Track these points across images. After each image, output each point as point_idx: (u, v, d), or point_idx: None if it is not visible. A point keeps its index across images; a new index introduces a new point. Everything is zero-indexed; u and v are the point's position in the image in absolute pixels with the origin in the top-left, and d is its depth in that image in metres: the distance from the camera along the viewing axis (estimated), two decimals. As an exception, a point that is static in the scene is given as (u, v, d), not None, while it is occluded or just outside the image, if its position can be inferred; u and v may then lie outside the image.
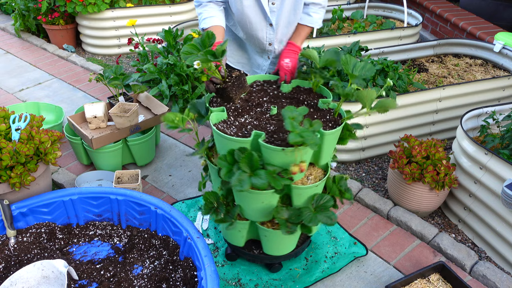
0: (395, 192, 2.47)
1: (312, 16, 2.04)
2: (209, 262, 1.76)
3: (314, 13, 2.03)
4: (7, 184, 2.00)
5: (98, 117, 2.64)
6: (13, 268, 1.90)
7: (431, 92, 2.80)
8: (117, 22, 4.13)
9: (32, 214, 2.06)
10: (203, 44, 1.63)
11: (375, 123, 2.73)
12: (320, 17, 2.07)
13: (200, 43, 1.64)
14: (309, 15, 2.04)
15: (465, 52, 3.52)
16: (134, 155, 2.73)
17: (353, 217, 2.45)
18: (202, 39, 1.63)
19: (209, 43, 1.63)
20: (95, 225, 2.15)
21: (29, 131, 2.06)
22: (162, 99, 3.30)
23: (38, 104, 3.14)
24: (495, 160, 2.17)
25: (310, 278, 2.08)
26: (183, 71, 3.22)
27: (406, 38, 3.91)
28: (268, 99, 1.85)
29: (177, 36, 3.47)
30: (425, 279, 2.05)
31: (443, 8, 4.67)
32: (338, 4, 4.38)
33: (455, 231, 2.42)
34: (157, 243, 2.05)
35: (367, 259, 2.21)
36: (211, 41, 1.63)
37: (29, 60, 4.14)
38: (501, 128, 2.49)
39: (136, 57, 4.19)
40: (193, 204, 2.49)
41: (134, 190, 2.14)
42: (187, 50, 1.62)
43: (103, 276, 1.89)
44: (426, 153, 2.31)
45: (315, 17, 2.04)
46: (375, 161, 2.92)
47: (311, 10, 2.03)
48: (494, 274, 2.07)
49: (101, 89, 3.65)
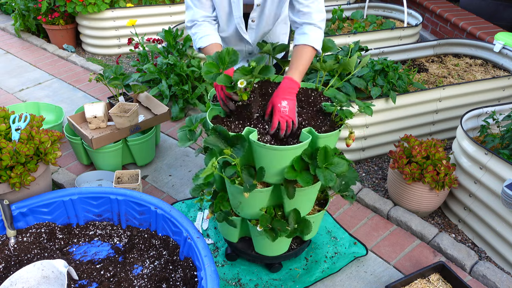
0: (395, 192, 2.47)
1: (308, 34, 1.75)
2: (209, 262, 1.76)
3: (309, 31, 1.76)
4: (7, 184, 2.00)
5: (98, 117, 2.64)
6: (13, 268, 1.90)
7: (431, 92, 2.80)
8: (117, 22, 4.13)
9: (32, 214, 2.06)
10: (222, 61, 1.54)
11: (375, 123, 2.73)
12: (318, 37, 1.76)
13: (217, 59, 1.55)
14: (304, 33, 1.76)
15: (465, 52, 3.52)
16: (134, 155, 2.73)
17: (353, 217, 2.45)
18: (220, 56, 1.54)
19: (229, 60, 1.54)
20: (95, 225, 2.15)
21: (29, 131, 2.06)
22: (162, 99, 3.30)
23: (38, 104, 3.14)
24: (495, 160, 2.17)
25: (310, 278, 2.08)
26: (183, 71, 3.22)
27: (406, 38, 3.91)
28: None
29: (177, 36, 3.47)
30: (425, 279, 2.05)
31: (443, 8, 4.67)
32: (338, 4, 4.38)
33: (455, 231, 2.42)
34: (157, 243, 2.05)
35: (367, 259, 2.21)
36: (231, 57, 1.54)
37: (29, 60, 4.13)
38: (501, 128, 2.49)
39: (136, 57, 4.19)
40: (193, 204, 2.49)
41: (134, 190, 2.14)
42: (207, 69, 1.53)
43: (103, 276, 1.88)
44: (426, 153, 2.31)
45: (312, 35, 1.75)
46: (375, 161, 2.92)
47: (305, 29, 1.77)
48: (494, 274, 2.07)
49: (101, 89, 3.65)
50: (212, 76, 1.53)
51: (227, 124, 1.70)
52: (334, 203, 2.52)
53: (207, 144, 1.55)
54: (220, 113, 1.77)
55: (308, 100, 1.82)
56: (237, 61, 1.55)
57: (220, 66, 1.53)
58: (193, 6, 1.85)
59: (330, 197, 1.96)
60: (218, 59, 1.54)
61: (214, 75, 1.53)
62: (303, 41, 1.75)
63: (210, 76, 1.52)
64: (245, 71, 1.50)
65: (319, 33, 1.77)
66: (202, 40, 1.82)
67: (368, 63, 2.79)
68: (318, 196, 1.97)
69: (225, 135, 1.55)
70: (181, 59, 3.38)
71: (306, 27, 1.77)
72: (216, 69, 1.53)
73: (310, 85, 1.90)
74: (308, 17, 1.77)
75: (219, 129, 1.56)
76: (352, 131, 1.77)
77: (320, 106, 1.78)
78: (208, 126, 1.70)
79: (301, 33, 1.78)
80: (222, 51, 1.54)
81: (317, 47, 1.76)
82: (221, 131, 1.56)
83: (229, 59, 1.54)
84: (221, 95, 1.65)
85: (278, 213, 1.82)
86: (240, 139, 1.54)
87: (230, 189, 1.77)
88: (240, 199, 1.75)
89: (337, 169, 1.56)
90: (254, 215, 1.81)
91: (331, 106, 1.73)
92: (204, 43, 1.81)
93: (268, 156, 1.58)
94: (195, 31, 1.86)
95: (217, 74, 1.53)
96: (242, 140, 1.54)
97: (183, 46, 3.40)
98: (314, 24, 1.77)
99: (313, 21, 1.76)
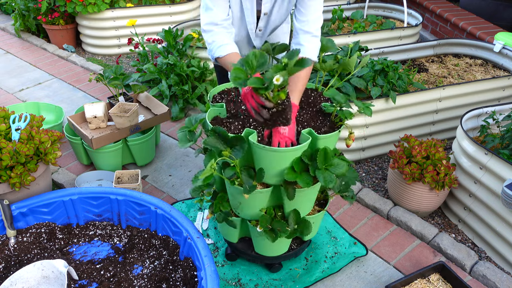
0: (395, 192, 2.47)
1: (304, 45, 1.77)
2: (209, 262, 1.76)
3: (306, 42, 1.78)
4: (7, 184, 2.00)
5: (98, 117, 2.64)
6: (13, 268, 1.90)
7: (431, 92, 2.80)
8: (117, 22, 4.13)
9: (32, 214, 2.06)
10: (249, 65, 1.44)
11: (375, 123, 2.73)
12: (314, 48, 1.78)
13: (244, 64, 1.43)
14: (300, 45, 1.78)
15: (465, 52, 3.52)
16: (134, 155, 2.73)
17: (353, 217, 2.45)
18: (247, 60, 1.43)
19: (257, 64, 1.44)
20: (95, 225, 2.15)
21: (29, 131, 2.06)
22: (162, 99, 3.30)
23: (38, 104, 3.14)
24: (495, 160, 2.17)
25: (310, 278, 2.08)
26: (183, 71, 3.22)
27: (406, 38, 3.91)
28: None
29: (177, 36, 3.47)
30: (425, 279, 2.05)
31: (443, 8, 4.67)
32: (338, 4, 4.38)
33: (455, 231, 2.42)
34: (157, 243, 2.05)
35: (367, 259, 2.21)
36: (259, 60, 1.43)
37: (29, 60, 4.14)
38: (501, 128, 2.49)
39: (136, 57, 4.19)
40: (193, 204, 2.49)
41: (134, 190, 2.14)
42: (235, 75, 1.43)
43: (103, 276, 1.89)
44: (426, 153, 2.31)
45: (308, 47, 1.77)
46: (375, 161, 2.92)
47: (302, 40, 1.79)
48: (494, 274, 2.07)
49: (101, 89, 3.65)
50: (241, 81, 1.42)
51: (227, 125, 1.70)
52: (334, 203, 2.52)
53: (207, 145, 1.55)
54: (219, 114, 1.77)
55: (308, 100, 1.82)
56: (265, 64, 1.44)
57: (248, 71, 1.43)
58: (212, 6, 1.78)
59: (330, 197, 1.96)
60: (245, 63, 1.44)
61: (243, 80, 1.43)
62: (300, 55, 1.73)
63: (239, 82, 1.41)
64: (278, 68, 1.42)
65: (315, 42, 1.80)
66: (220, 50, 1.78)
67: (368, 63, 2.79)
68: (318, 197, 1.97)
69: (225, 136, 1.55)
70: (181, 59, 3.38)
71: (303, 36, 1.79)
72: (244, 74, 1.43)
73: (310, 85, 1.90)
74: (305, 25, 1.79)
75: (218, 130, 1.55)
76: (352, 132, 1.77)
77: (320, 107, 1.78)
78: (207, 127, 1.70)
79: (297, 43, 1.80)
80: (249, 55, 1.46)
81: (314, 59, 1.79)
82: (220, 132, 1.55)
83: (257, 63, 1.43)
84: (252, 104, 1.53)
85: (278, 213, 1.82)
86: (240, 141, 1.54)
87: (230, 190, 1.77)
88: (240, 199, 1.75)
89: (337, 170, 1.56)
90: (254, 216, 1.81)
91: (331, 106, 1.73)
92: (222, 53, 1.77)
93: (267, 158, 1.58)
94: (213, 39, 1.80)
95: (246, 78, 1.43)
96: (242, 142, 1.54)
97: (183, 46, 3.40)
98: (311, 33, 1.78)
99: (310, 29, 1.78)
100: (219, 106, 1.76)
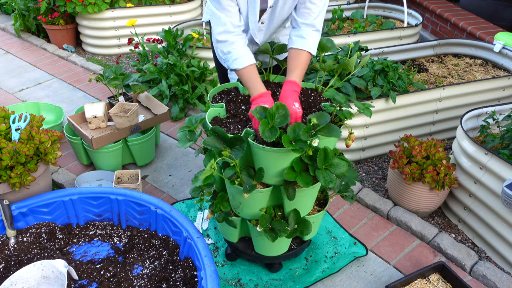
0: (395, 192, 2.47)
1: (306, 38, 1.77)
2: (209, 262, 1.76)
3: (308, 35, 1.78)
4: (7, 184, 2.00)
5: (98, 117, 2.64)
6: (13, 268, 1.90)
7: (431, 92, 2.80)
8: (117, 22, 4.13)
9: (32, 214, 2.06)
10: (271, 117, 1.52)
11: (375, 123, 2.73)
12: (315, 42, 1.79)
13: (265, 115, 1.53)
14: (302, 37, 1.77)
15: (465, 52, 3.52)
16: (134, 155, 2.73)
17: (353, 217, 2.45)
18: (271, 112, 1.52)
19: (277, 115, 1.53)
20: (95, 225, 2.15)
21: (29, 131, 2.06)
22: (162, 99, 3.30)
23: (38, 104, 3.15)
24: (495, 160, 2.17)
25: (310, 278, 2.08)
26: (183, 71, 3.22)
27: (406, 38, 3.91)
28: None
29: (177, 36, 3.47)
30: (425, 279, 2.05)
31: (443, 8, 4.67)
32: (338, 4, 4.38)
33: (455, 231, 2.42)
34: (157, 243, 2.05)
35: (367, 259, 2.21)
36: (279, 112, 1.52)
37: (29, 60, 4.14)
38: (501, 128, 2.49)
39: (136, 57, 4.19)
40: (193, 204, 2.49)
41: (134, 190, 2.14)
42: (265, 130, 1.51)
43: (103, 276, 1.89)
44: (426, 153, 2.31)
45: (310, 40, 1.77)
46: (375, 161, 2.92)
47: (304, 32, 1.78)
48: (494, 274, 2.07)
49: (101, 89, 3.65)
50: (270, 135, 1.50)
51: (226, 125, 1.70)
52: (334, 203, 2.52)
53: (206, 145, 1.55)
54: (219, 114, 1.77)
55: (308, 100, 1.82)
56: (287, 118, 1.52)
57: (269, 122, 1.52)
58: (224, 16, 1.75)
59: (330, 197, 1.96)
60: (268, 116, 1.53)
61: (270, 134, 1.51)
62: (300, 46, 1.77)
63: (267, 136, 1.50)
64: (307, 130, 1.49)
65: (316, 37, 1.80)
66: (237, 62, 1.76)
67: (368, 63, 2.79)
68: (318, 196, 1.97)
69: (224, 137, 1.55)
70: (181, 59, 3.38)
71: (305, 29, 1.78)
72: (266, 125, 1.52)
73: (310, 85, 1.90)
74: (309, 19, 1.78)
75: (218, 131, 1.56)
76: (352, 132, 1.77)
77: (320, 107, 1.78)
78: (207, 127, 1.70)
79: (299, 35, 1.78)
80: (272, 108, 1.52)
81: (313, 52, 1.79)
82: (220, 133, 1.56)
83: (277, 114, 1.53)
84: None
85: (278, 213, 1.82)
86: (239, 141, 1.54)
87: (230, 189, 1.77)
88: (240, 199, 1.75)
89: (337, 170, 1.56)
90: (254, 216, 1.81)
91: (331, 106, 1.73)
92: (239, 65, 1.75)
93: (267, 158, 1.58)
94: (228, 50, 1.77)
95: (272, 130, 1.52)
96: (241, 142, 1.54)
97: (183, 46, 3.40)
98: (313, 26, 1.78)
99: (314, 22, 1.78)
100: (219, 106, 1.76)
